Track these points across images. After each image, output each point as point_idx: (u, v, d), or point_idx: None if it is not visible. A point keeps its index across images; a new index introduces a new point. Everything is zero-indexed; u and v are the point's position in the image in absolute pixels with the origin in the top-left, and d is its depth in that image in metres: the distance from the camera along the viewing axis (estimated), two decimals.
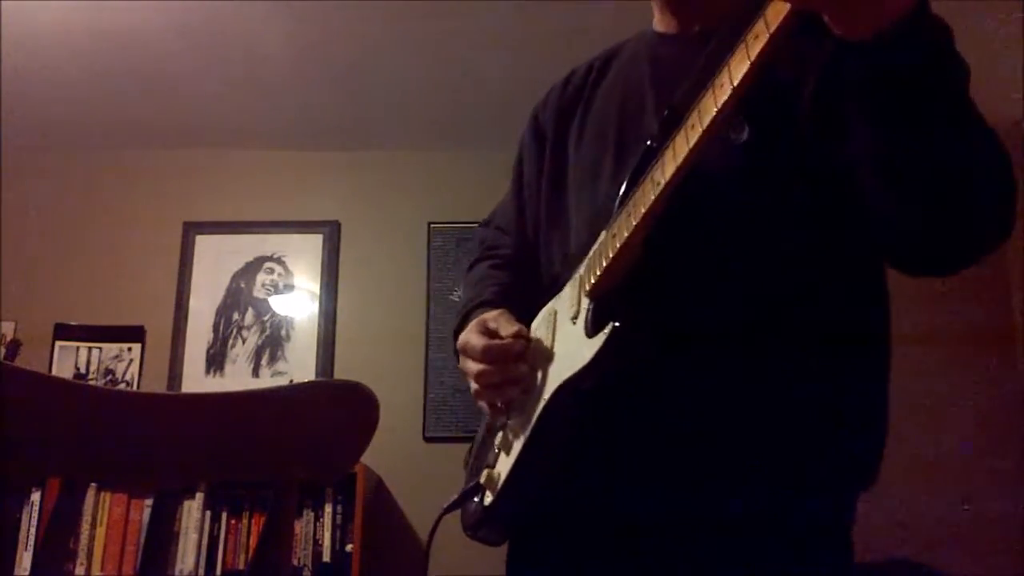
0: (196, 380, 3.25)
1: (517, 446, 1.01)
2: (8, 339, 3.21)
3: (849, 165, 0.88)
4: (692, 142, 0.85)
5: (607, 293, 0.96)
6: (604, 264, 0.95)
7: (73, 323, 3.29)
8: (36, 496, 2.89)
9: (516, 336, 1.04)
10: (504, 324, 1.07)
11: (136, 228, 3.42)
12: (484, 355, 1.05)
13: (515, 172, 1.32)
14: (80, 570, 2.83)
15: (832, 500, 0.99)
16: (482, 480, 1.06)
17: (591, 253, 1.00)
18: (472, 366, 1.08)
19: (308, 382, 0.87)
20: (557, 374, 0.98)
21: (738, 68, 0.79)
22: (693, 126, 0.85)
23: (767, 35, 0.76)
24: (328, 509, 2.88)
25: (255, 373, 3.27)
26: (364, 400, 0.85)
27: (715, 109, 0.82)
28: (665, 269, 0.95)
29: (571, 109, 1.23)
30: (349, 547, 2.82)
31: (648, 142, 0.97)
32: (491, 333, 1.07)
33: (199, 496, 2.88)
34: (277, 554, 0.85)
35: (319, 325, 3.32)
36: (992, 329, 3.30)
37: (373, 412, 0.85)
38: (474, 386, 1.08)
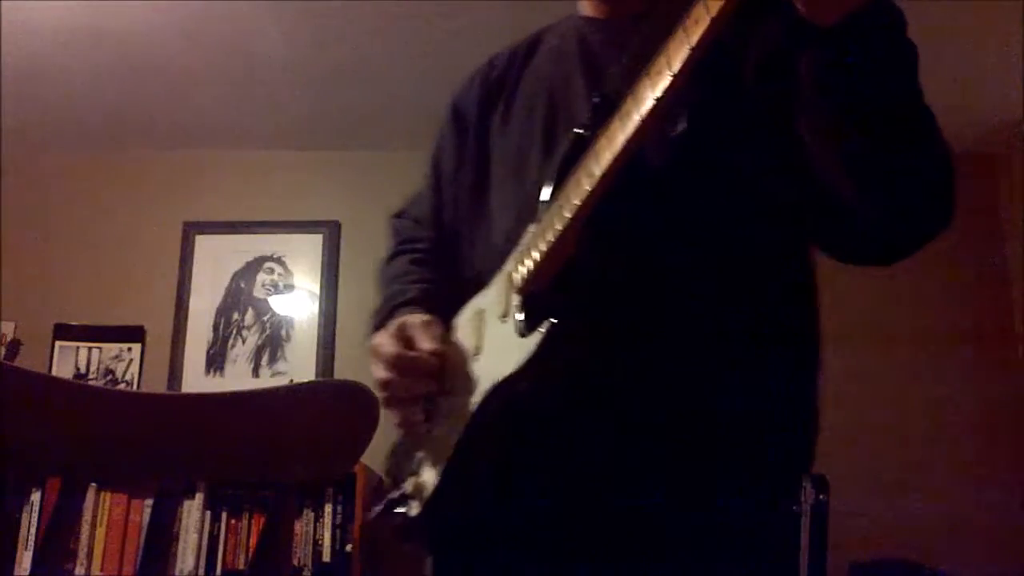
0: (196, 380, 3.25)
1: (445, 453, 0.95)
2: (8, 339, 3.21)
3: (790, 158, 0.86)
4: (629, 131, 0.80)
5: (538, 290, 0.91)
6: (536, 260, 0.90)
7: (73, 323, 3.29)
8: (36, 496, 2.89)
9: (433, 353, 0.97)
10: (421, 336, 1.00)
11: (136, 228, 3.42)
12: (392, 364, 0.99)
13: (432, 163, 1.27)
14: (80, 570, 2.83)
15: (770, 486, 0.96)
16: (408, 489, 1.00)
17: (519, 248, 0.94)
18: (379, 372, 1.00)
19: (308, 382, 0.88)
20: (489, 375, 0.91)
21: (677, 53, 0.75)
22: (629, 113, 0.80)
23: (708, 20, 0.72)
24: (328, 509, 2.87)
25: (255, 373, 3.27)
26: (364, 400, 0.85)
27: (653, 97, 0.77)
28: (597, 264, 0.90)
29: (494, 97, 1.17)
30: (349, 547, 2.82)
31: (578, 130, 0.91)
32: (406, 341, 1.00)
33: (199, 496, 2.88)
34: (277, 554, 0.85)
35: (319, 325, 3.32)
36: (992, 329, 3.30)
37: (373, 412, 0.86)
38: (380, 394, 0.99)
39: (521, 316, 0.90)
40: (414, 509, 0.99)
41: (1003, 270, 3.37)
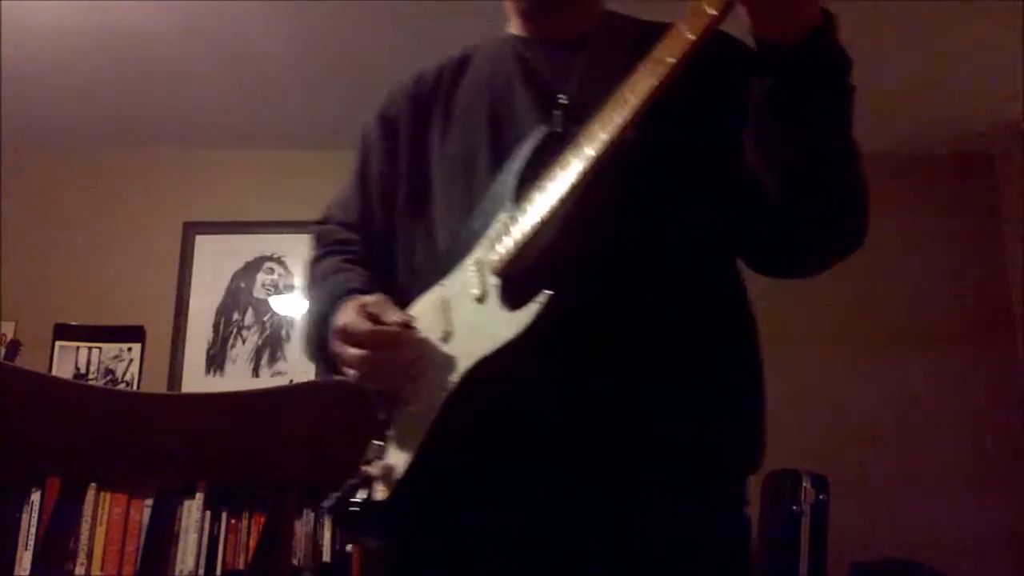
0: (196, 380, 3.25)
1: (417, 436, 0.95)
2: (8, 339, 3.21)
3: (735, 164, 0.97)
4: (627, 115, 0.88)
5: (517, 272, 0.94)
6: (515, 244, 0.94)
7: (73, 323, 3.29)
8: (36, 496, 2.89)
9: (404, 324, 0.98)
10: (387, 310, 1.00)
11: (136, 228, 3.42)
12: (368, 340, 0.97)
13: (359, 171, 1.30)
14: (80, 570, 2.83)
15: (720, 485, 1.00)
16: (372, 472, 0.97)
17: (491, 235, 0.98)
18: (352, 352, 0.98)
19: (308, 382, 0.88)
20: (471, 352, 0.93)
21: (675, 46, 0.87)
22: (626, 100, 0.89)
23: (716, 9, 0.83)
24: None
25: (255, 373, 3.27)
26: (364, 400, 0.85)
27: (654, 84, 0.86)
28: (572, 251, 0.94)
29: (428, 110, 1.22)
30: (349, 547, 2.82)
31: (550, 130, 1.00)
32: (373, 318, 0.99)
33: (199, 496, 2.88)
34: (277, 554, 0.85)
35: None
36: (992, 329, 3.31)
37: (373, 412, 0.86)
38: (352, 373, 0.99)
39: (502, 294, 0.93)
40: (380, 492, 0.96)
41: (1003, 270, 3.37)
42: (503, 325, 0.91)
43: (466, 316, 0.98)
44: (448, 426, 0.93)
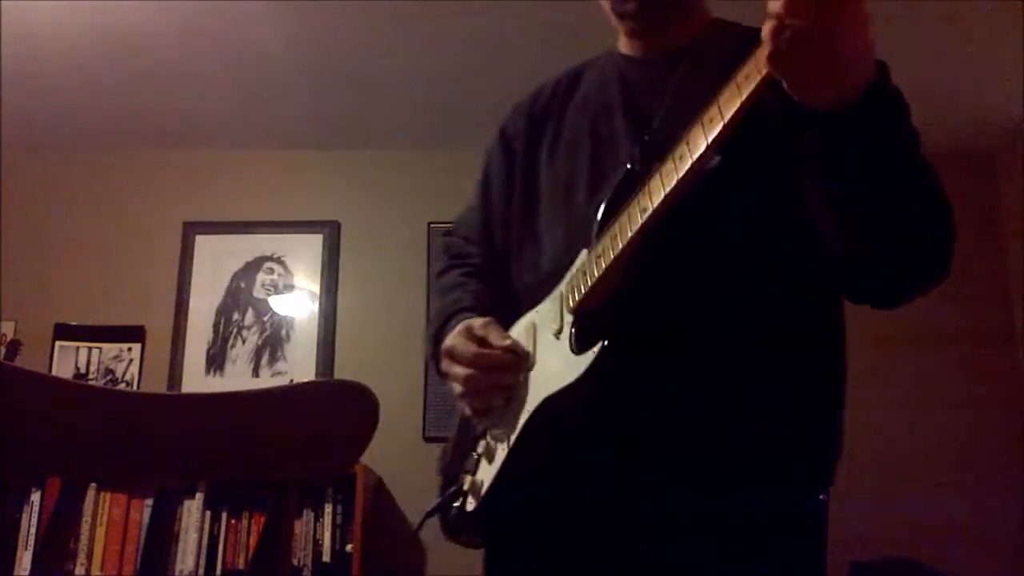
0: (196, 380, 3.25)
1: (501, 454, 1.04)
2: (8, 339, 3.21)
3: (806, 205, 0.95)
4: (681, 172, 0.89)
5: (589, 311, 1.00)
6: (589, 284, 0.99)
7: (73, 323, 3.29)
8: (36, 496, 2.89)
9: (507, 349, 1.06)
10: (494, 333, 1.09)
11: (136, 228, 3.42)
12: (474, 362, 1.07)
13: (481, 185, 1.35)
14: (80, 570, 2.83)
15: (795, 500, 1.03)
16: (464, 486, 1.09)
17: (573, 271, 1.04)
18: (459, 371, 1.09)
19: (308, 382, 0.88)
20: (543, 386, 1.00)
21: (729, 104, 0.84)
22: (682, 156, 0.89)
23: (759, 77, 0.80)
24: (328, 509, 2.88)
25: (255, 373, 3.27)
26: (364, 400, 0.85)
27: (704, 144, 0.86)
28: (645, 289, 0.99)
29: (541, 125, 1.25)
30: (349, 547, 2.82)
31: (628, 165, 1.01)
32: (479, 340, 1.08)
33: (199, 496, 2.88)
34: (277, 554, 0.85)
35: (319, 325, 3.32)
36: (992, 329, 3.30)
37: (373, 412, 0.85)
38: (459, 389, 1.10)
39: (573, 334, 1.00)
40: (470, 504, 1.07)
41: (1003, 270, 3.37)
42: (567, 367, 0.98)
43: (545, 348, 1.05)
44: (524, 450, 1.02)
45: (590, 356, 0.94)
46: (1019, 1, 2.47)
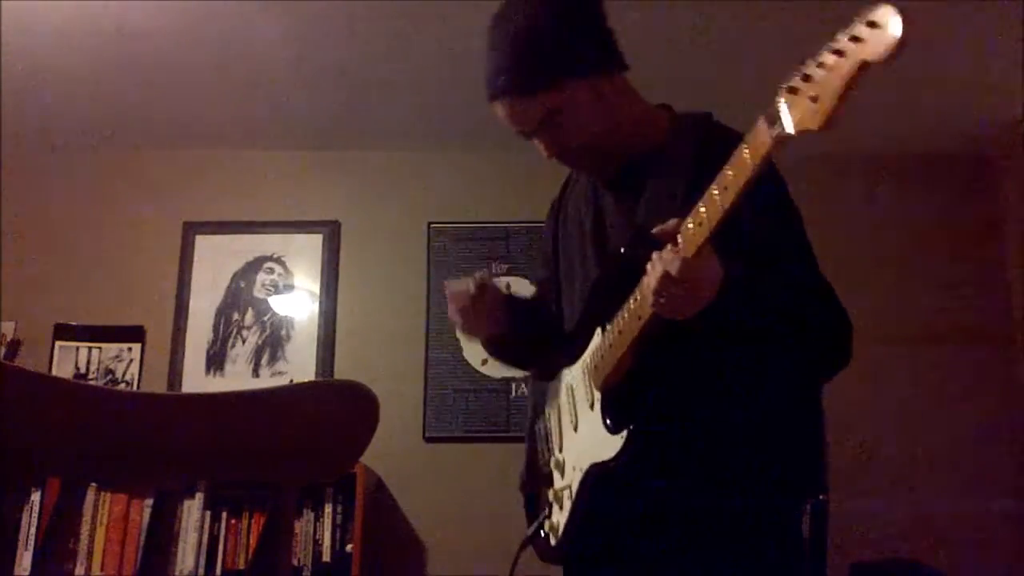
0: (196, 380, 3.25)
1: (567, 504, 1.31)
2: (8, 339, 3.21)
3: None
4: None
5: (613, 387, 1.26)
6: (607, 370, 1.25)
7: (73, 323, 3.29)
8: (36, 496, 2.89)
9: (481, 278, 1.45)
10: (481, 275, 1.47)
11: (136, 228, 3.42)
12: (460, 294, 1.46)
13: (542, 246, 1.68)
14: (80, 570, 2.83)
15: (780, 510, 1.28)
16: (545, 528, 1.37)
17: (592, 349, 1.31)
18: (452, 308, 1.49)
19: (308, 382, 0.88)
20: (586, 454, 1.26)
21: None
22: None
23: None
24: (328, 509, 2.88)
25: (255, 373, 3.27)
26: (364, 400, 0.85)
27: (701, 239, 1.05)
28: (655, 371, 1.22)
29: (558, 215, 1.57)
30: (349, 547, 2.82)
31: (602, 276, 1.35)
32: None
33: (199, 496, 2.88)
34: (277, 554, 0.85)
35: (319, 325, 3.32)
36: (992, 329, 3.30)
37: (373, 412, 0.85)
38: (458, 321, 1.50)
39: (604, 410, 1.26)
40: (552, 540, 1.35)
41: (1003, 270, 3.37)
42: (602, 444, 1.23)
43: (585, 416, 1.32)
44: (580, 508, 1.28)
45: (619, 440, 1.19)
46: (1019, 1, 2.47)
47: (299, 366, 3.27)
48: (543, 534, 1.38)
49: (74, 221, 3.42)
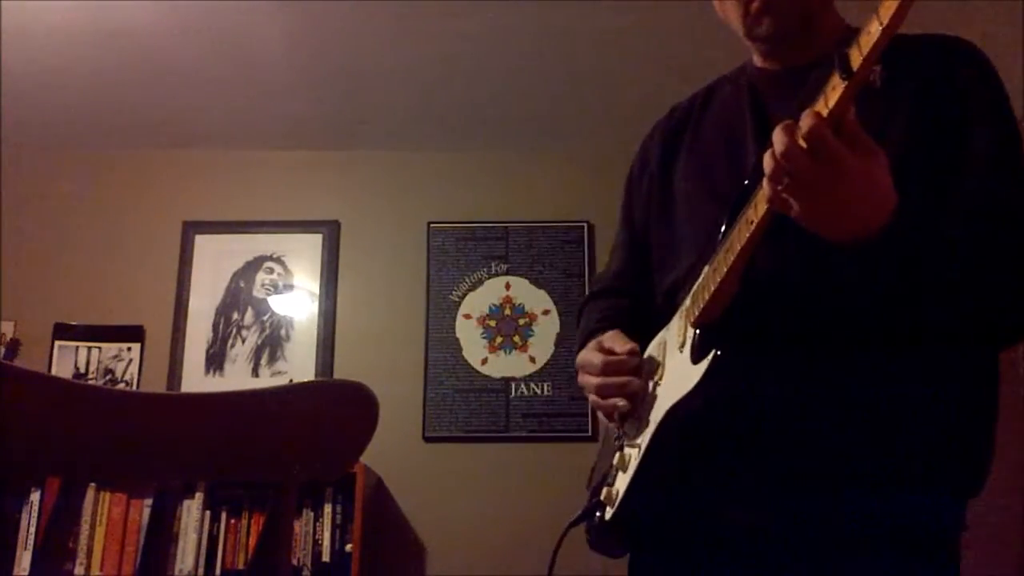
0: (196, 380, 3.25)
1: (633, 464, 1.08)
2: (8, 339, 3.21)
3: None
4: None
5: (710, 322, 1.02)
6: (706, 298, 1.01)
7: (73, 323, 3.29)
8: (36, 496, 2.89)
9: (630, 353, 1.13)
10: (618, 341, 1.15)
11: (136, 228, 3.42)
12: (602, 369, 1.13)
13: (624, 218, 1.38)
14: (80, 570, 2.83)
15: (939, 508, 1.03)
16: (602, 497, 1.13)
17: (696, 287, 1.06)
18: (591, 380, 1.15)
19: (308, 382, 0.88)
20: (668, 397, 1.04)
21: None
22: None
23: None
24: (328, 509, 2.87)
25: (255, 373, 3.27)
26: (364, 400, 0.85)
27: None
28: (762, 295, 1.01)
29: (676, 141, 1.28)
30: (349, 547, 2.82)
31: (745, 180, 1.02)
32: (606, 351, 1.15)
33: (199, 496, 2.88)
34: (277, 554, 0.85)
35: (319, 325, 3.32)
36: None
37: (373, 412, 0.85)
38: (593, 399, 1.16)
39: (695, 345, 1.02)
40: (608, 514, 1.11)
41: None
42: (687, 376, 1.00)
43: (672, 361, 1.09)
44: (654, 461, 1.05)
45: (705, 363, 0.97)
46: (1019, 1, 2.47)
47: (299, 366, 3.27)
48: (597, 516, 1.14)
49: (74, 221, 3.42)
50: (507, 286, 3.35)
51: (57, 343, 3.27)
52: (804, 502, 0.99)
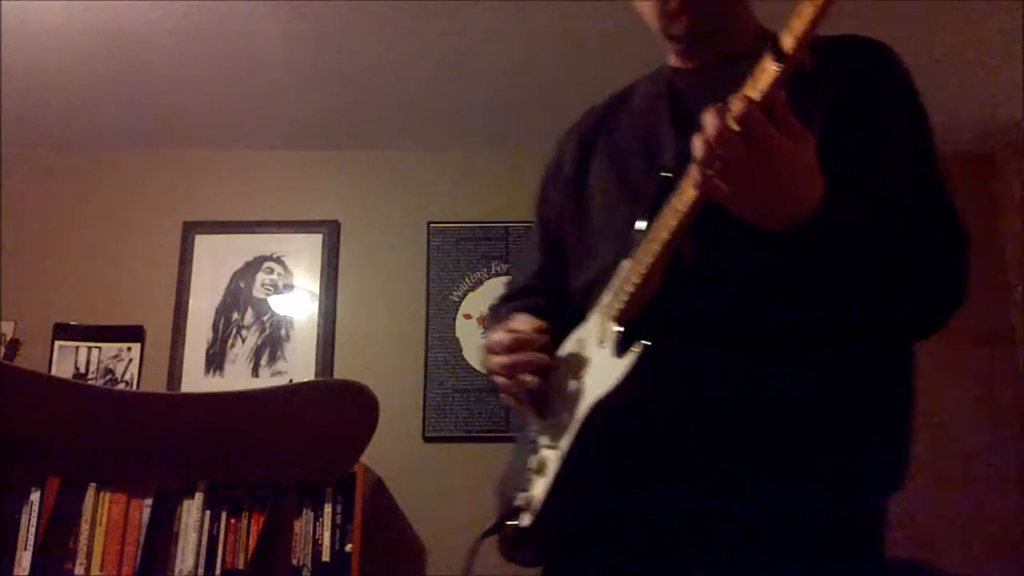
0: (196, 380, 3.25)
1: (552, 466, 1.03)
2: (8, 339, 3.21)
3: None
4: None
5: (630, 319, 0.99)
6: (629, 291, 0.98)
7: (73, 323, 3.29)
8: (36, 496, 2.89)
9: (537, 330, 1.09)
10: (524, 320, 1.12)
11: (136, 228, 3.42)
12: (510, 347, 1.09)
13: (538, 220, 1.36)
14: (80, 570, 2.83)
15: (860, 502, 1.03)
16: (518, 503, 1.08)
17: (616, 283, 1.03)
18: (497, 359, 1.11)
19: (308, 382, 0.87)
20: (591, 393, 1.00)
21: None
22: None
23: (774, 68, 0.81)
24: (328, 509, 2.87)
25: (255, 373, 3.27)
26: (364, 400, 0.85)
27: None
28: (684, 291, 0.98)
29: (591, 141, 1.27)
30: (348, 547, 2.82)
31: (665, 173, 1.00)
32: (513, 330, 1.12)
33: (199, 496, 2.88)
34: (277, 554, 0.85)
35: (319, 325, 3.32)
36: (992, 329, 3.30)
37: (373, 412, 0.85)
38: (502, 380, 1.11)
39: (616, 341, 0.98)
40: (526, 520, 1.06)
41: (1003, 270, 3.37)
42: (610, 371, 0.96)
43: (592, 358, 1.04)
44: (577, 461, 1.00)
45: (630, 357, 0.94)
46: (1019, 0, 2.47)
47: (299, 366, 3.27)
48: (513, 524, 1.09)
49: (74, 221, 3.42)
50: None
51: (57, 343, 3.27)
52: (723, 500, 0.97)
